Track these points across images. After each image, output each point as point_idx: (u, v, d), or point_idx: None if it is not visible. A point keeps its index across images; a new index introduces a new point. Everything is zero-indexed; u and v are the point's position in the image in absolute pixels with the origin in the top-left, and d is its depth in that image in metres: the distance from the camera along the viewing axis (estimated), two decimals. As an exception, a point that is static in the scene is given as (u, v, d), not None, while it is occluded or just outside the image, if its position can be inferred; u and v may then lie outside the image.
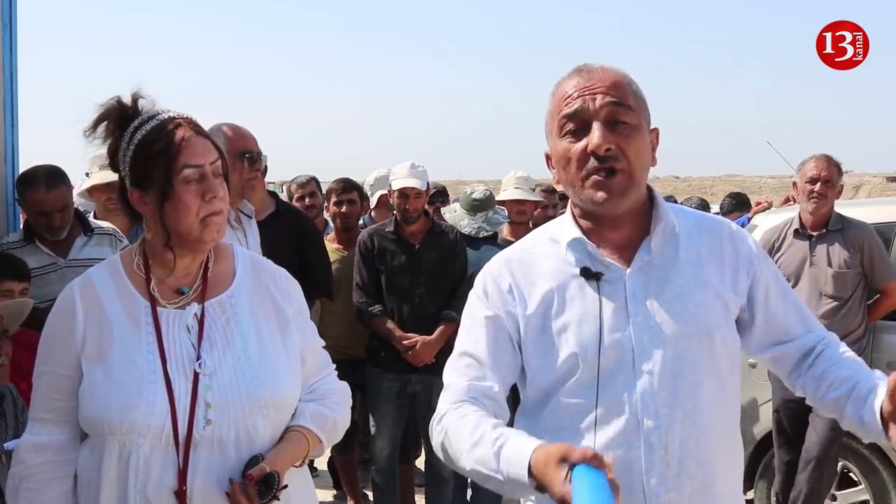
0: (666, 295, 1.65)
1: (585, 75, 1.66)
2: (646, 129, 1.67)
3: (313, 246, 4.16)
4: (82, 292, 1.78)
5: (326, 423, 1.86)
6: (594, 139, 1.60)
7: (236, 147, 3.13)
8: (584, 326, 1.64)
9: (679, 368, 1.62)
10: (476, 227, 4.59)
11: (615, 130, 1.61)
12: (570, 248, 1.70)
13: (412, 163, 4.37)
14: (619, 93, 1.63)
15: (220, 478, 1.68)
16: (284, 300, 1.87)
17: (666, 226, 1.68)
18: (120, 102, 1.76)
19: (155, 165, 1.69)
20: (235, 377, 1.73)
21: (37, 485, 1.74)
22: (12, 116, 3.99)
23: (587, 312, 1.65)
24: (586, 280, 1.66)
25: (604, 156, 1.60)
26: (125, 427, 1.67)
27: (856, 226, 4.21)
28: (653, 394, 1.61)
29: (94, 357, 1.72)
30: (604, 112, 1.61)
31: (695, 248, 1.70)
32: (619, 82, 1.65)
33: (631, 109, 1.63)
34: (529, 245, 1.80)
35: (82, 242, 3.46)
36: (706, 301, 1.66)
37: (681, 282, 1.66)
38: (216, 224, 1.73)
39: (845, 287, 4.11)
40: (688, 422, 1.61)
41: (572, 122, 1.64)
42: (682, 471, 1.61)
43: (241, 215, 3.28)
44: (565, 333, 1.66)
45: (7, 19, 3.93)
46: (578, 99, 1.63)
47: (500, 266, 1.77)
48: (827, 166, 4.22)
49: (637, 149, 1.63)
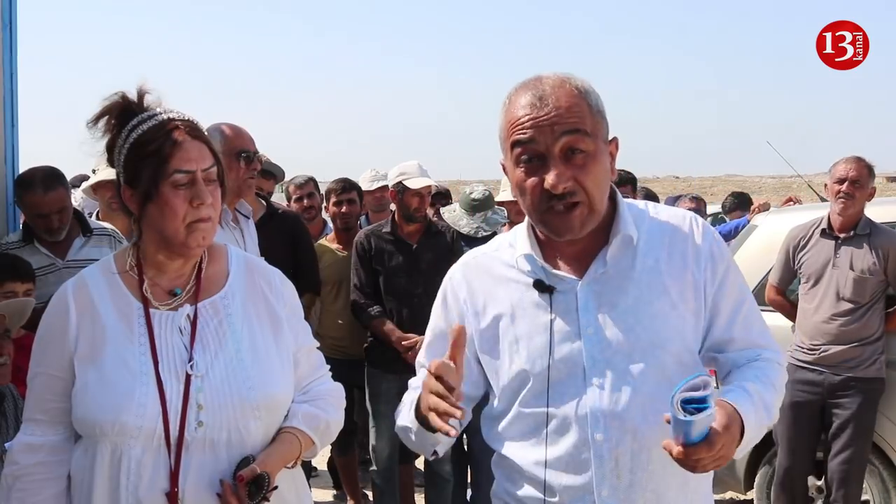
0: (619, 307, 1.62)
1: (537, 102, 1.56)
2: (603, 150, 1.61)
3: (306, 246, 4.28)
4: (76, 293, 1.78)
5: (319, 424, 1.86)
6: (550, 179, 1.54)
7: (233, 146, 3.13)
8: (535, 339, 1.64)
9: (630, 381, 1.59)
10: (475, 227, 4.59)
11: (572, 161, 1.55)
12: (523, 259, 1.69)
13: (418, 163, 4.37)
14: (574, 118, 1.55)
15: (212, 479, 1.68)
16: (278, 301, 1.87)
17: (623, 237, 1.64)
18: (124, 98, 1.76)
19: (146, 166, 1.69)
20: (227, 379, 1.73)
21: (30, 485, 1.75)
22: (12, 116, 3.99)
23: (538, 325, 1.64)
24: (539, 293, 1.65)
25: (561, 194, 1.55)
26: (117, 428, 1.67)
27: (884, 233, 4.13)
28: (601, 407, 1.59)
29: (86, 358, 1.72)
30: (558, 146, 1.54)
31: (653, 256, 1.65)
32: (574, 105, 1.56)
33: (587, 135, 1.56)
34: (493, 249, 1.79)
35: (81, 243, 3.46)
36: (661, 312, 1.62)
37: (636, 293, 1.62)
38: (202, 230, 1.72)
39: (864, 293, 4.05)
40: (639, 434, 1.59)
41: (525, 152, 1.57)
42: (634, 482, 1.60)
43: (238, 215, 3.28)
44: (517, 345, 1.66)
45: (7, 19, 3.93)
46: (531, 129, 1.55)
47: (459, 273, 1.79)
48: (857, 167, 4.14)
49: (595, 177, 1.57)
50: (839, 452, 4.06)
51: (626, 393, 1.59)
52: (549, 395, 1.62)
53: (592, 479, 1.61)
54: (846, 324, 4.04)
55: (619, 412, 1.59)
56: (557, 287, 1.64)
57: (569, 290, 1.64)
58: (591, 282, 1.64)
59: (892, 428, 4.09)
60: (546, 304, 1.64)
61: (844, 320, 4.05)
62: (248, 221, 3.34)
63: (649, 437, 1.58)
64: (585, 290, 1.63)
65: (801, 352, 4.17)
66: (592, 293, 1.63)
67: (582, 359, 1.61)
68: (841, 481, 4.05)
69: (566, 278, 1.65)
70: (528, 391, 1.65)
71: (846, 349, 4.05)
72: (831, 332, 4.08)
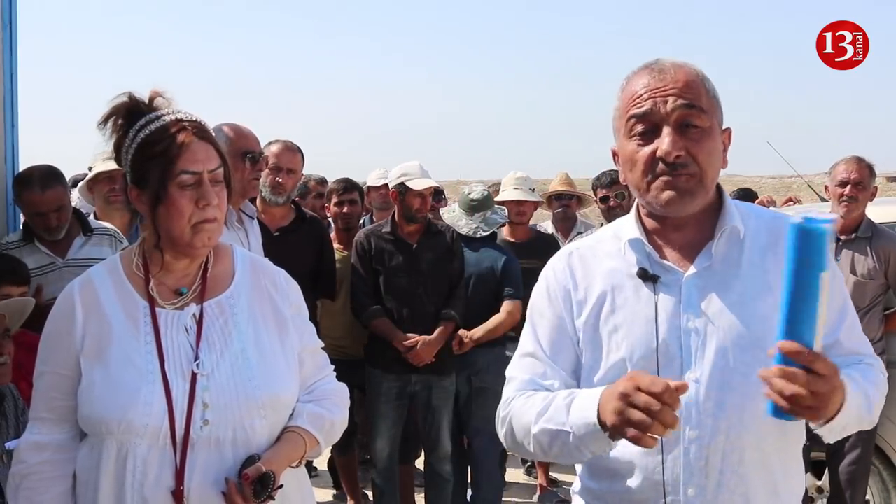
0: (723, 302, 1.58)
1: (657, 74, 1.58)
2: (718, 131, 1.61)
3: (329, 252, 4.39)
4: (82, 292, 1.78)
5: (324, 423, 1.86)
6: (664, 145, 1.54)
7: (238, 147, 3.13)
8: (636, 329, 1.60)
9: (728, 379, 1.55)
10: (474, 228, 4.58)
11: (686, 134, 1.55)
12: (629, 246, 1.66)
13: (419, 163, 4.37)
14: (691, 94, 1.56)
15: (218, 478, 1.69)
16: (283, 301, 1.87)
17: (731, 230, 1.62)
18: (131, 98, 1.76)
19: (153, 167, 1.70)
20: (233, 378, 1.73)
21: (37, 484, 1.75)
22: (12, 116, 3.99)
23: (639, 315, 1.60)
24: (643, 282, 1.62)
25: (673, 162, 1.54)
26: (123, 427, 1.67)
27: (886, 236, 4.10)
28: (696, 403, 1.55)
29: (92, 357, 1.73)
30: (675, 115, 1.55)
31: (760, 253, 1.62)
32: (692, 82, 1.58)
33: (703, 112, 1.56)
34: (596, 240, 1.76)
35: (81, 242, 3.46)
36: (765, 311, 1.56)
37: (740, 289, 1.59)
38: (208, 231, 1.73)
39: (864, 296, 4.02)
40: (732, 435, 1.55)
41: (641, 123, 1.58)
42: (722, 484, 1.56)
43: (242, 216, 3.28)
44: (615, 335, 1.62)
45: (7, 19, 3.93)
46: (648, 100, 1.56)
47: (562, 262, 1.74)
48: (858, 168, 4.10)
49: (708, 153, 1.57)
50: (845, 455, 4.05)
51: (723, 390, 1.55)
52: None
53: (680, 475, 1.56)
54: None
55: (712, 409, 1.55)
56: (662, 277, 1.61)
57: (673, 282, 1.61)
58: (696, 275, 1.60)
59: (892, 428, 4.09)
60: (650, 293, 1.61)
61: None
62: (253, 222, 3.35)
63: (743, 438, 1.55)
64: (690, 283, 1.60)
65: None
66: (696, 287, 1.60)
67: (680, 352, 1.57)
68: (847, 482, 4.05)
69: (672, 269, 1.62)
70: None
71: None
72: None
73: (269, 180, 4.02)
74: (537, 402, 1.61)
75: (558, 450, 1.56)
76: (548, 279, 1.75)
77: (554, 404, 1.57)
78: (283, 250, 3.64)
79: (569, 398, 1.55)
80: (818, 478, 4.32)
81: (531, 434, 1.60)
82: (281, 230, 4.13)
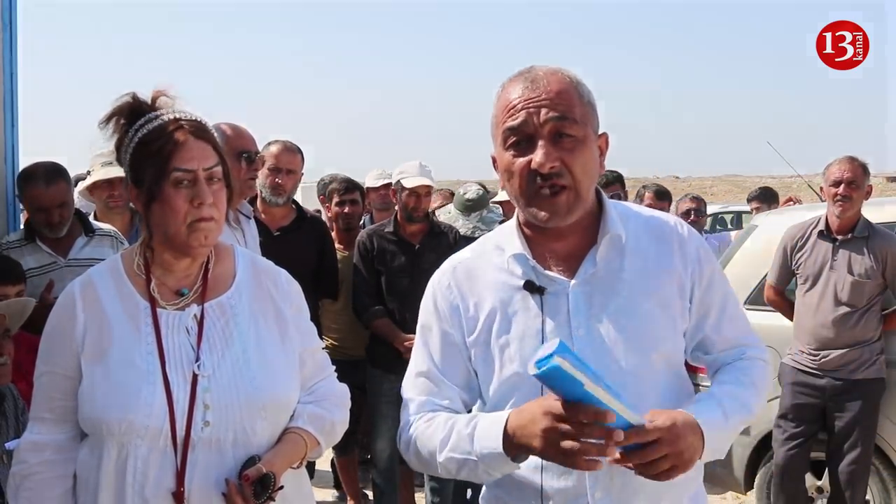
0: (610, 308, 1.62)
1: (530, 85, 1.60)
2: (592, 139, 1.63)
3: (331, 252, 4.39)
4: (83, 292, 1.78)
5: (325, 424, 1.86)
6: (538, 157, 1.56)
7: (234, 147, 3.12)
8: (527, 341, 1.63)
9: (622, 383, 1.54)
10: (471, 228, 4.58)
11: (560, 144, 1.57)
12: (514, 260, 1.68)
13: (420, 162, 4.38)
14: (564, 104, 1.58)
15: (218, 479, 1.68)
16: (284, 301, 1.87)
17: (612, 236, 1.65)
18: (134, 98, 1.76)
19: (149, 165, 1.70)
20: (234, 379, 1.73)
21: (37, 484, 1.75)
22: (12, 116, 4.00)
23: (529, 327, 1.63)
24: (530, 294, 1.64)
25: (547, 174, 1.57)
26: (123, 427, 1.67)
27: (883, 235, 4.10)
28: None
29: (93, 357, 1.73)
30: (547, 127, 1.57)
31: (641, 256, 1.66)
32: (565, 91, 1.60)
33: (576, 122, 1.58)
34: (478, 252, 1.78)
35: (83, 242, 3.46)
36: (651, 314, 1.63)
37: (626, 293, 1.63)
38: (204, 230, 1.72)
39: (862, 296, 4.03)
40: None
41: (515, 135, 1.60)
42: (627, 484, 1.59)
43: (239, 215, 3.28)
44: (508, 349, 1.65)
45: (7, 19, 3.93)
46: (522, 111, 1.58)
47: (447, 278, 1.76)
48: (851, 167, 4.10)
49: (583, 163, 1.59)
50: (845, 454, 4.06)
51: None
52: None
53: (586, 481, 1.60)
54: (844, 327, 4.04)
55: None
56: (548, 288, 1.64)
57: (560, 291, 1.64)
58: (583, 283, 1.64)
59: (892, 428, 4.10)
60: (537, 305, 1.63)
61: (842, 323, 4.05)
62: (250, 222, 3.34)
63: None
64: (577, 291, 1.63)
65: (802, 356, 4.18)
66: (583, 294, 1.63)
67: None
68: (848, 482, 4.05)
69: (557, 279, 1.65)
70: (519, 395, 1.62)
71: (846, 352, 4.05)
72: (830, 336, 4.08)
73: (269, 181, 4.03)
74: (439, 429, 1.65)
75: (466, 474, 1.62)
76: (434, 295, 1.77)
77: (457, 431, 1.61)
78: (284, 250, 3.64)
79: (471, 426, 1.59)
80: (818, 478, 4.32)
81: (437, 461, 1.64)
82: (282, 230, 4.14)
